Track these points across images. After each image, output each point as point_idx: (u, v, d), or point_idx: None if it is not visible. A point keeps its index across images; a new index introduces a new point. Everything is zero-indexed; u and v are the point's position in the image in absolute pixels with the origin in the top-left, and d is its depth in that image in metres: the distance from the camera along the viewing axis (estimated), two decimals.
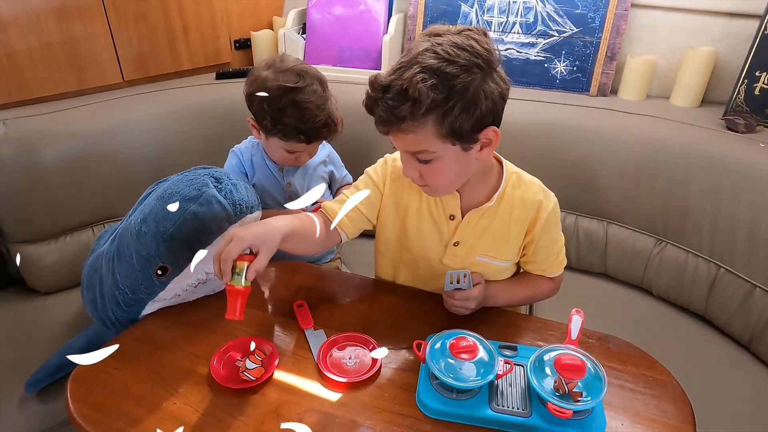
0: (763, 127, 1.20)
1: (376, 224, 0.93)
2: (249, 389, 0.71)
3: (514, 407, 0.67)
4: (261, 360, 0.75)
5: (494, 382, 0.70)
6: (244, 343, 0.78)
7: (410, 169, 0.78)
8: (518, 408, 0.67)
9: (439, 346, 0.71)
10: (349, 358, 0.76)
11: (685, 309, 1.24)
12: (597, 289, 1.33)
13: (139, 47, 1.39)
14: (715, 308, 1.18)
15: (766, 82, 1.18)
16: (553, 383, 0.66)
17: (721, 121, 1.21)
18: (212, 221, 0.80)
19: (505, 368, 0.70)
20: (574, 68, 1.39)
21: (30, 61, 1.23)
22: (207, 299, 0.89)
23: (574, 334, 0.73)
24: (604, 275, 1.36)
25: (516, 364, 0.73)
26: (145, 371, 0.74)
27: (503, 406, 0.67)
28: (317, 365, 0.75)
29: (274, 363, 0.74)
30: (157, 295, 0.83)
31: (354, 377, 0.73)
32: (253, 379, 0.72)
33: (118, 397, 0.70)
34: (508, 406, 0.67)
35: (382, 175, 0.91)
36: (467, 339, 0.70)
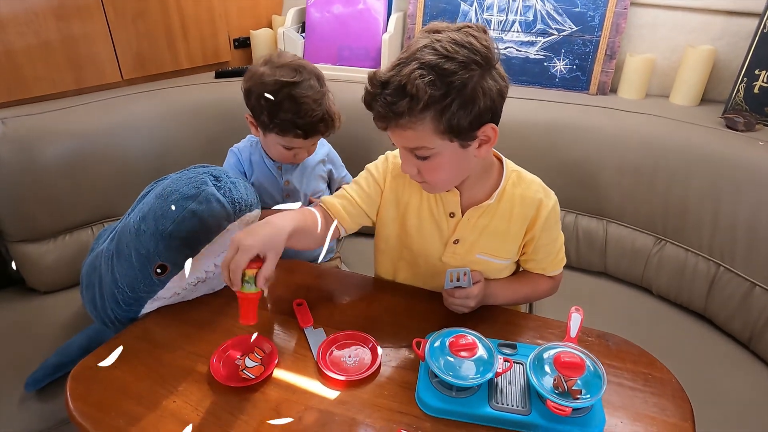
0: (763, 126, 1.20)
1: (376, 221, 0.93)
2: (249, 387, 0.71)
3: (513, 405, 0.67)
4: (261, 358, 0.75)
5: (494, 380, 0.70)
6: (243, 342, 0.78)
7: (408, 165, 0.78)
8: (518, 406, 0.67)
9: (439, 344, 0.71)
10: (349, 357, 0.76)
11: (685, 308, 1.24)
12: (597, 288, 1.33)
13: (138, 46, 1.39)
14: (714, 307, 1.18)
15: (766, 81, 1.18)
16: (553, 381, 0.66)
17: (721, 119, 1.21)
18: (211, 219, 0.80)
19: (505, 366, 0.70)
20: (574, 67, 1.39)
21: (29, 59, 1.23)
22: (206, 298, 0.89)
23: (574, 332, 0.73)
24: (604, 274, 1.36)
25: (515, 362, 0.73)
26: (145, 370, 0.74)
27: (503, 404, 0.67)
28: (317, 363, 0.75)
29: (274, 361, 0.74)
30: (157, 293, 0.82)
31: (353, 375, 0.73)
32: (253, 377, 0.72)
33: (118, 396, 0.70)
34: (508, 404, 0.67)
35: (383, 172, 0.91)
36: (467, 337, 0.70)
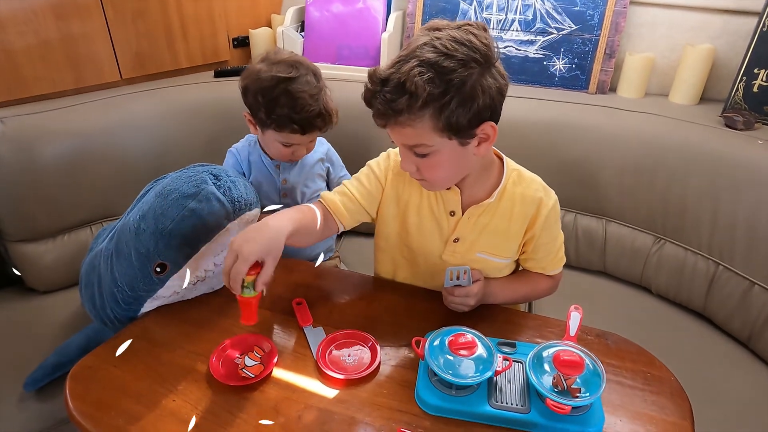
0: (762, 124, 1.20)
1: (376, 218, 0.93)
2: (248, 386, 0.71)
3: (512, 403, 0.67)
4: (260, 357, 0.75)
5: (493, 379, 0.70)
6: (243, 341, 0.78)
7: (408, 162, 0.78)
8: (517, 404, 0.67)
9: (438, 342, 0.71)
10: (348, 356, 0.76)
11: (684, 306, 1.24)
12: (596, 287, 1.33)
13: (137, 45, 1.39)
14: (714, 306, 1.18)
15: (765, 79, 1.18)
16: (552, 379, 0.66)
17: (720, 118, 1.21)
18: (211, 218, 0.80)
19: (504, 365, 0.70)
20: (573, 66, 1.39)
21: (28, 59, 1.23)
22: (206, 297, 0.89)
23: (573, 330, 0.73)
24: (603, 273, 1.36)
25: (515, 361, 0.73)
26: (144, 369, 0.74)
27: (502, 403, 0.67)
28: (316, 362, 0.75)
29: (273, 360, 0.74)
30: (156, 292, 0.82)
31: (353, 374, 0.73)
32: (252, 376, 0.72)
33: (118, 395, 0.70)
34: (507, 403, 0.67)
35: (385, 169, 0.91)
36: (466, 336, 0.70)
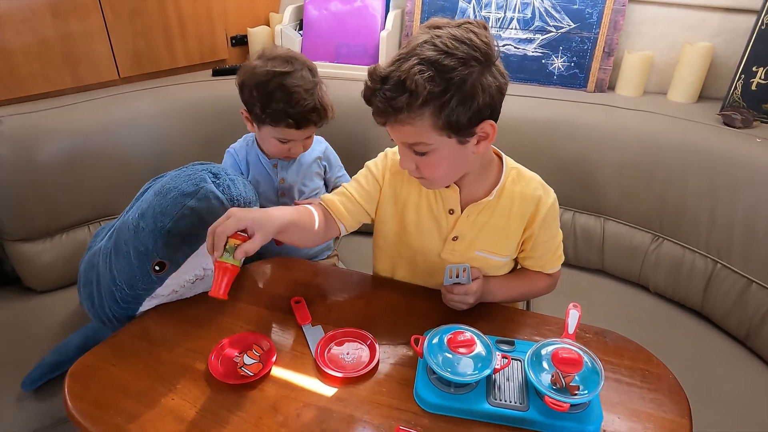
0: (760, 123, 1.20)
1: (375, 218, 0.93)
2: (247, 385, 0.71)
3: (511, 401, 0.67)
4: (259, 356, 0.75)
5: (492, 377, 0.70)
6: (241, 340, 0.78)
7: (407, 161, 0.78)
8: (516, 402, 0.67)
9: (437, 340, 0.71)
10: (347, 354, 0.76)
11: (682, 305, 1.25)
12: (594, 286, 1.33)
13: (135, 43, 1.39)
14: (711, 304, 1.18)
15: (763, 77, 1.18)
16: (551, 377, 0.66)
17: (718, 116, 1.21)
18: (210, 216, 0.79)
19: (503, 362, 0.70)
20: (572, 64, 1.39)
21: (25, 57, 1.22)
22: (204, 296, 0.88)
23: (572, 328, 0.73)
24: (602, 271, 1.37)
25: (513, 359, 0.73)
26: (143, 368, 0.74)
27: (501, 400, 0.68)
28: (315, 361, 0.75)
29: (272, 359, 0.74)
30: (155, 291, 0.82)
31: (352, 372, 0.73)
32: (251, 374, 0.72)
33: (116, 394, 0.70)
34: (506, 400, 0.68)
35: (382, 169, 0.91)
36: (465, 334, 0.71)
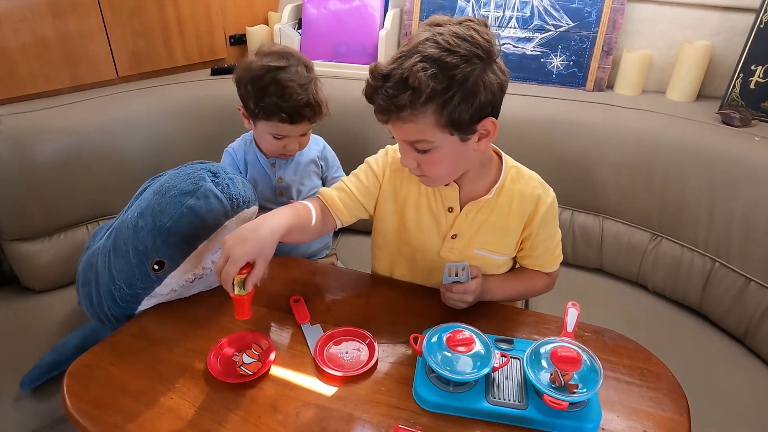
0: (759, 121, 1.20)
1: (374, 215, 0.93)
2: (246, 384, 0.71)
3: (510, 399, 0.68)
4: (258, 355, 0.75)
5: (491, 375, 0.70)
6: (240, 339, 0.78)
7: (408, 158, 0.78)
8: (515, 400, 0.67)
9: (436, 339, 0.71)
10: (346, 353, 0.76)
11: (681, 304, 1.25)
12: (593, 285, 1.33)
13: (134, 43, 1.39)
14: (710, 303, 1.18)
15: (762, 76, 1.18)
16: (549, 376, 0.66)
17: (717, 115, 1.21)
18: (209, 215, 0.80)
19: (502, 361, 0.70)
20: (571, 63, 1.39)
21: (24, 56, 1.22)
22: (203, 295, 0.89)
23: (570, 326, 0.73)
24: (600, 270, 1.37)
25: (512, 357, 0.73)
26: (142, 367, 0.74)
27: (500, 399, 0.68)
28: (314, 360, 0.75)
29: (271, 358, 0.74)
30: (154, 290, 0.82)
31: (351, 371, 0.73)
32: (250, 373, 0.72)
33: (115, 393, 0.70)
34: (505, 399, 0.68)
35: (383, 166, 0.91)
36: (464, 332, 0.71)
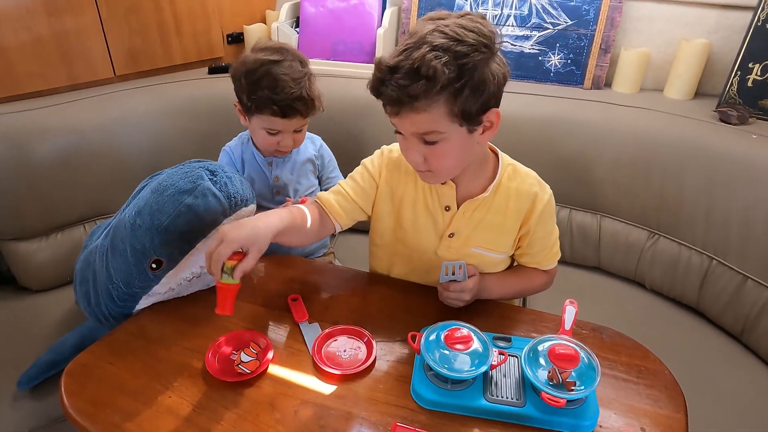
0: (756, 119, 1.20)
1: (371, 215, 0.93)
2: (244, 382, 0.71)
3: (508, 397, 0.68)
4: (256, 353, 0.75)
5: (489, 373, 0.70)
6: (238, 337, 0.78)
7: (414, 153, 0.77)
8: (512, 398, 0.68)
9: (434, 337, 0.71)
10: (344, 351, 0.76)
11: (678, 301, 1.25)
12: (590, 283, 1.33)
13: (131, 41, 1.38)
14: (707, 300, 1.19)
15: (759, 74, 1.18)
16: (547, 373, 0.66)
17: (715, 113, 1.21)
18: (207, 214, 0.80)
19: (500, 359, 0.70)
20: (569, 61, 1.39)
21: (20, 55, 1.22)
22: (201, 294, 0.89)
23: (568, 324, 0.73)
24: (598, 269, 1.37)
25: (510, 355, 0.73)
26: (140, 366, 0.74)
27: (498, 397, 0.68)
28: (312, 358, 0.75)
29: (269, 356, 0.74)
30: (152, 289, 0.82)
31: (349, 369, 0.73)
32: (248, 372, 0.72)
33: (114, 392, 0.70)
34: (503, 396, 0.68)
35: (378, 166, 0.90)
36: (462, 330, 0.71)
